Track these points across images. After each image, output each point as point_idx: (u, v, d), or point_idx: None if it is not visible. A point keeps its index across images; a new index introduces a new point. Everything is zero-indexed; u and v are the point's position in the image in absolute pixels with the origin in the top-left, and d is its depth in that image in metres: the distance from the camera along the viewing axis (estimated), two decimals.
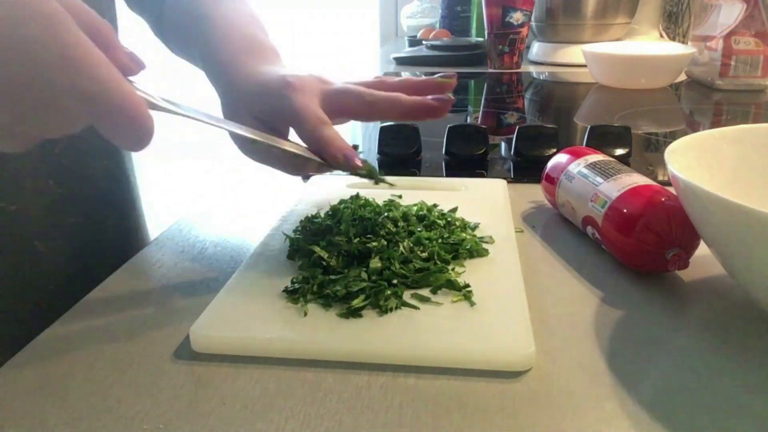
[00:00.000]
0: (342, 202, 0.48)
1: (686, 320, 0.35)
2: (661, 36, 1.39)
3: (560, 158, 0.50)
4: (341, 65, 2.24)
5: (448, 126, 0.67)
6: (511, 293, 0.36)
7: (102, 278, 0.42)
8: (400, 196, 0.51)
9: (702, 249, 0.38)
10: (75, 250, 0.50)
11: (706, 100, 0.99)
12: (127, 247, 0.57)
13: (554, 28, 1.32)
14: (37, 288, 0.48)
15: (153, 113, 0.29)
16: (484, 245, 0.42)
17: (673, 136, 0.75)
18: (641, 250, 0.39)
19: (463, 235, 0.42)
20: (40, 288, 0.48)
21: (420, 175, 0.62)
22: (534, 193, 0.55)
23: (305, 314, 0.34)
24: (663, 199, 0.39)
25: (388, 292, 0.35)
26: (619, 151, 0.62)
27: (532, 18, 1.31)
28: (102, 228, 0.54)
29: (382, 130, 0.68)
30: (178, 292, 0.40)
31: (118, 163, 0.57)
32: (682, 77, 1.13)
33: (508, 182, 0.56)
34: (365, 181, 0.42)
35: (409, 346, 0.31)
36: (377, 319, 0.34)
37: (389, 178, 0.44)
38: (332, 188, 0.55)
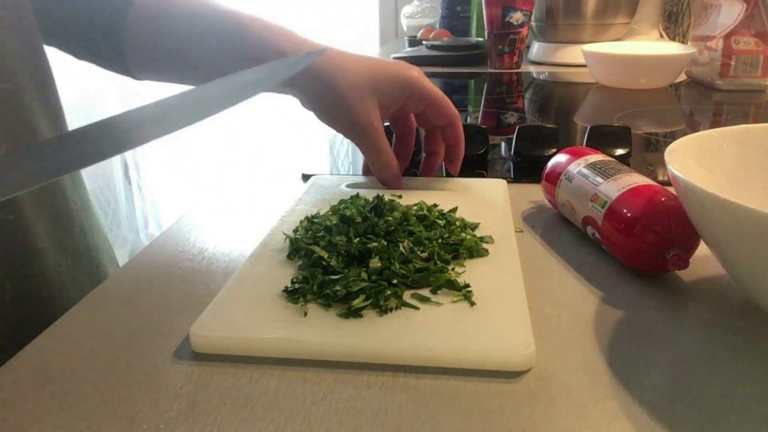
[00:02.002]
0: (342, 202, 0.48)
1: (686, 320, 0.35)
2: (661, 36, 1.39)
3: (560, 158, 0.50)
4: None
5: None
6: (511, 293, 0.36)
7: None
8: (399, 196, 0.51)
9: (702, 249, 0.38)
10: None
11: (706, 100, 0.99)
12: (28, 311, 0.45)
13: (554, 28, 1.32)
14: None
15: None
16: (484, 245, 0.42)
17: (673, 136, 0.75)
18: (641, 250, 0.39)
19: (463, 235, 0.42)
20: None
21: (420, 176, 0.62)
22: (534, 193, 0.55)
23: (305, 314, 0.34)
24: (663, 199, 0.39)
25: (388, 292, 0.35)
26: (619, 151, 0.62)
27: (532, 18, 1.31)
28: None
29: None
30: (178, 292, 0.40)
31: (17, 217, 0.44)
32: (682, 77, 1.13)
33: (508, 182, 0.56)
34: (364, 180, 0.42)
35: (409, 346, 0.31)
36: (377, 319, 0.34)
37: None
38: (332, 188, 0.55)
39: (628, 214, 0.39)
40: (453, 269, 0.39)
